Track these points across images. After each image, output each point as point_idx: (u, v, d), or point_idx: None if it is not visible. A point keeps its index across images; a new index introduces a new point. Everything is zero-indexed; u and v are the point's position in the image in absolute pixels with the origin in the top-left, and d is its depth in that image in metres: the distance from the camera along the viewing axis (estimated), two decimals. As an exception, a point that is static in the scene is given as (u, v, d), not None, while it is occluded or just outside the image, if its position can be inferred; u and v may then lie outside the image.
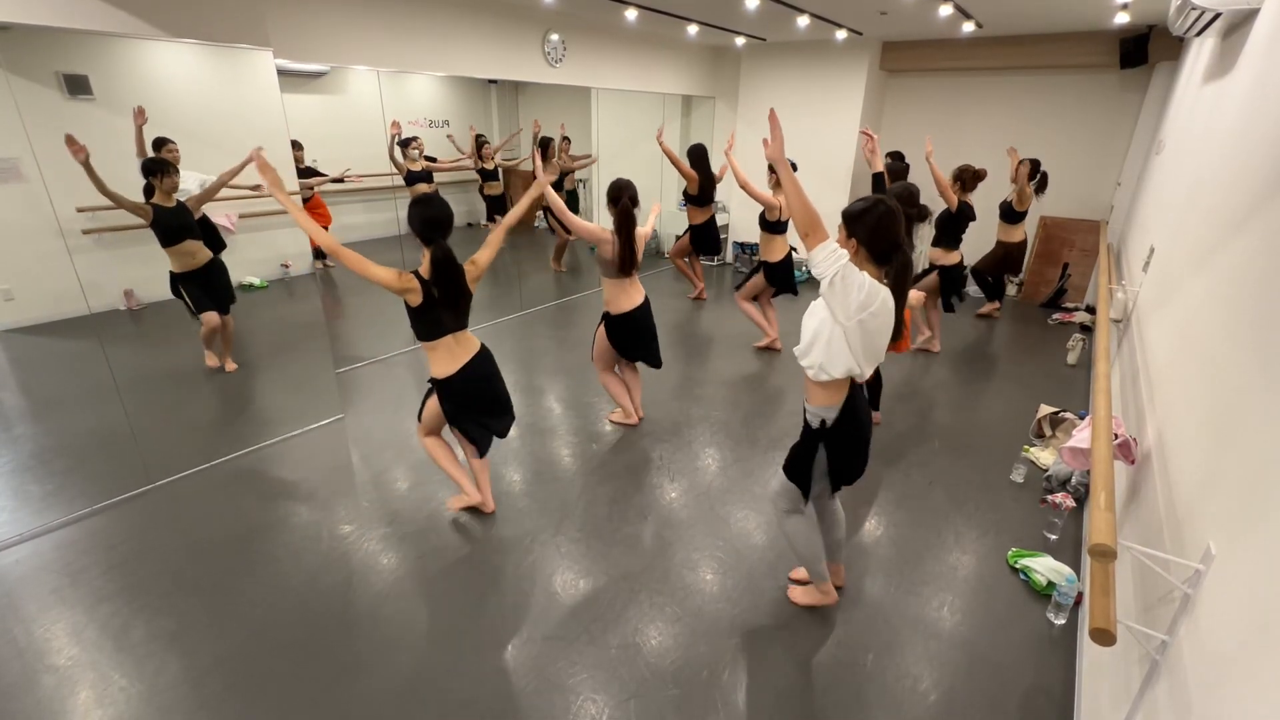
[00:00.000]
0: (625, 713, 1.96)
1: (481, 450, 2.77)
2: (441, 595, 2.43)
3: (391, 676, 2.08)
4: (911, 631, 2.30)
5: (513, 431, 3.65)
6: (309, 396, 3.99)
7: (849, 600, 2.45)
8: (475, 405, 2.62)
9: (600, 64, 5.67)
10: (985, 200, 5.14)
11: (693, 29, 5.51)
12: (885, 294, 1.79)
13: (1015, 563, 2.62)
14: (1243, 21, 2.46)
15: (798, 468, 2.08)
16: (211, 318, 3.95)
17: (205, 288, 3.90)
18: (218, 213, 4.65)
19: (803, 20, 4.91)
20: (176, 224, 3.68)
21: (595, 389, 4.17)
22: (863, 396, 2.00)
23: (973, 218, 4.50)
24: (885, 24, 5.29)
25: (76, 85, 3.89)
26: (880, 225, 1.80)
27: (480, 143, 6.57)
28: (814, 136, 6.65)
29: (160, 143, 3.90)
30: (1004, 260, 5.58)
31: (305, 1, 3.57)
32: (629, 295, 3.31)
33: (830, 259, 1.72)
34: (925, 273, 4.65)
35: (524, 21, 4.82)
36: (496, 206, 6.75)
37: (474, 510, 2.89)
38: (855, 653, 2.21)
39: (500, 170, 6.77)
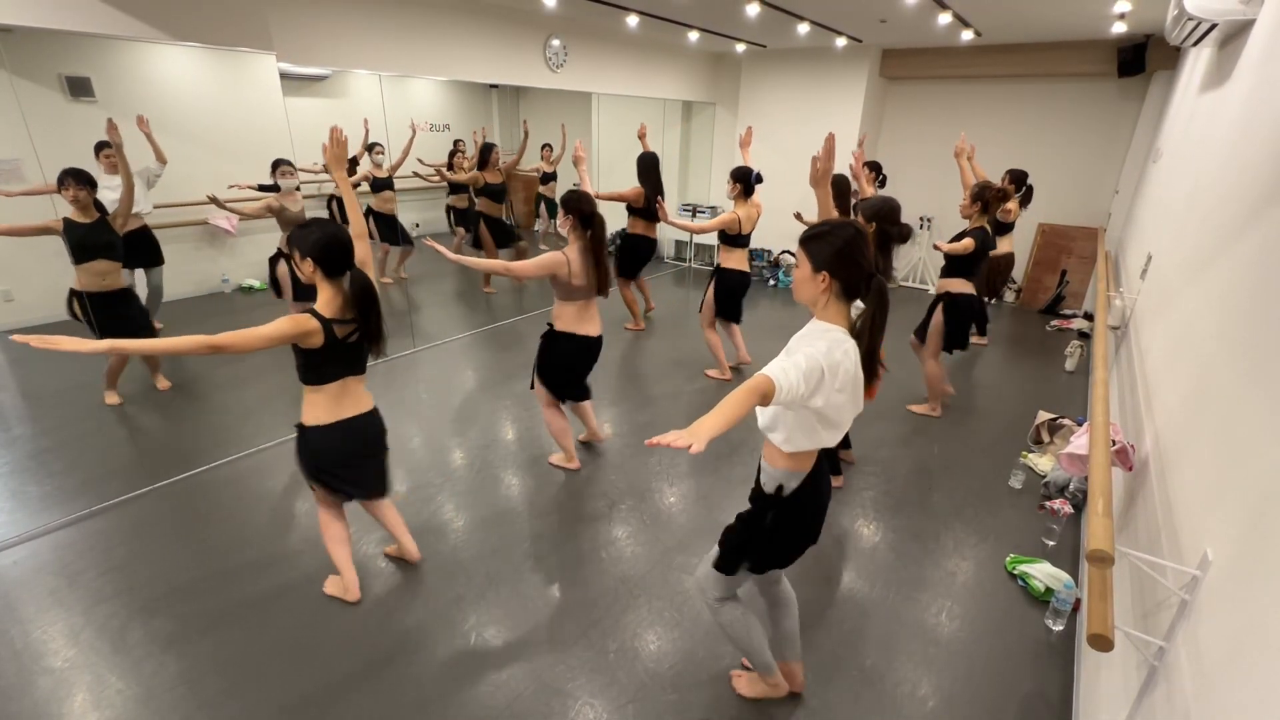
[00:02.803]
0: (624, 717, 1.96)
1: (365, 495, 2.36)
2: (438, 598, 2.42)
3: (388, 679, 2.07)
4: (910, 637, 2.30)
5: (509, 435, 3.66)
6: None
7: (847, 605, 2.45)
8: (344, 470, 2.22)
9: (601, 69, 5.70)
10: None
11: (694, 35, 5.54)
12: (848, 362, 1.48)
13: (1014, 569, 2.63)
14: (1239, 32, 2.48)
15: (744, 543, 1.72)
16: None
17: (109, 316, 3.44)
18: (218, 215, 4.66)
19: (803, 27, 4.94)
20: (90, 241, 3.30)
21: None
22: (825, 469, 1.71)
23: (992, 245, 3.79)
24: (885, 31, 5.32)
25: (79, 87, 3.90)
26: (849, 252, 1.48)
27: (453, 153, 6.30)
28: (814, 143, 6.67)
29: (99, 147, 3.66)
30: (989, 277, 5.11)
31: (308, 6, 3.59)
32: (592, 320, 2.99)
33: (797, 387, 1.37)
34: (930, 308, 3.92)
35: (526, 26, 4.84)
36: (461, 219, 6.50)
37: (480, 507, 2.82)
38: (854, 658, 2.21)
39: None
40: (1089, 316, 5.88)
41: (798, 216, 5.01)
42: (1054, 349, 5.29)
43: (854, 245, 1.48)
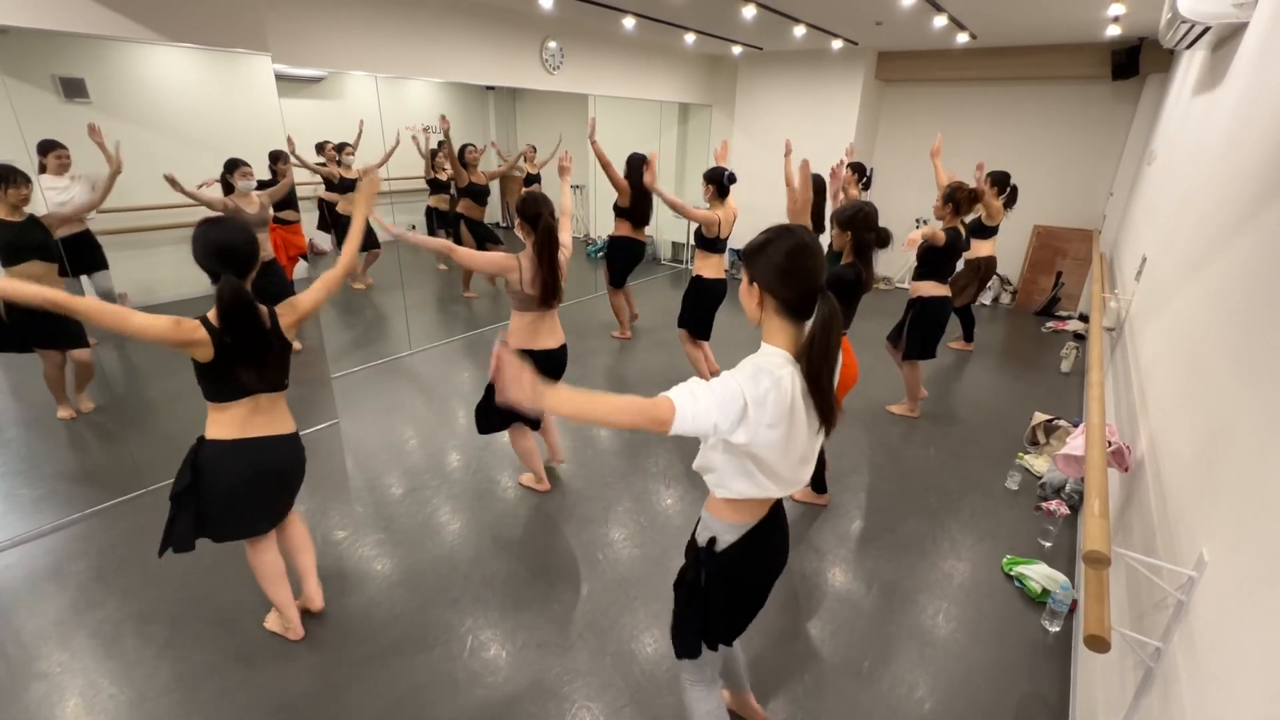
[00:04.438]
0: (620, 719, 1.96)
1: (251, 532, 2.08)
2: (435, 601, 2.41)
3: (385, 683, 2.06)
4: (907, 639, 2.30)
5: (505, 438, 3.62)
6: (304, 401, 3.97)
7: (844, 607, 2.45)
8: (249, 502, 2.00)
9: (598, 71, 5.70)
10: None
11: (690, 38, 5.55)
12: (792, 399, 1.26)
13: (1010, 570, 2.63)
14: (1232, 35, 2.50)
15: (685, 611, 1.51)
16: (53, 354, 3.36)
17: (43, 319, 3.24)
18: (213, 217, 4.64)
19: (799, 30, 4.95)
20: (21, 242, 3.09)
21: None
22: (781, 524, 1.50)
23: (965, 247, 3.76)
24: (881, 34, 5.34)
25: (73, 88, 3.88)
26: (789, 264, 1.25)
27: (434, 152, 6.16)
28: (810, 145, 6.69)
29: (48, 146, 3.44)
30: (971, 278, 4.99)
31: (304, 6, 3.58)
32: (549, 333, 2.78)
33: (707, 415, 1.17)
34: (905, 311, 3.86)
35: (522, 28, 4.84)
36: (442, 220, 6.45)
37: (466, 513, 2.79)
38: (851, 660, 2.21)
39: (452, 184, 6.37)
40: (1084, 318, 5.90)
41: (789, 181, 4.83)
42: (1049, 350, 5.31)
43: (793, 258, 1.25)
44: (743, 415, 1.20)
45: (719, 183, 3.91)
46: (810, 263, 1.26)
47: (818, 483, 3.06)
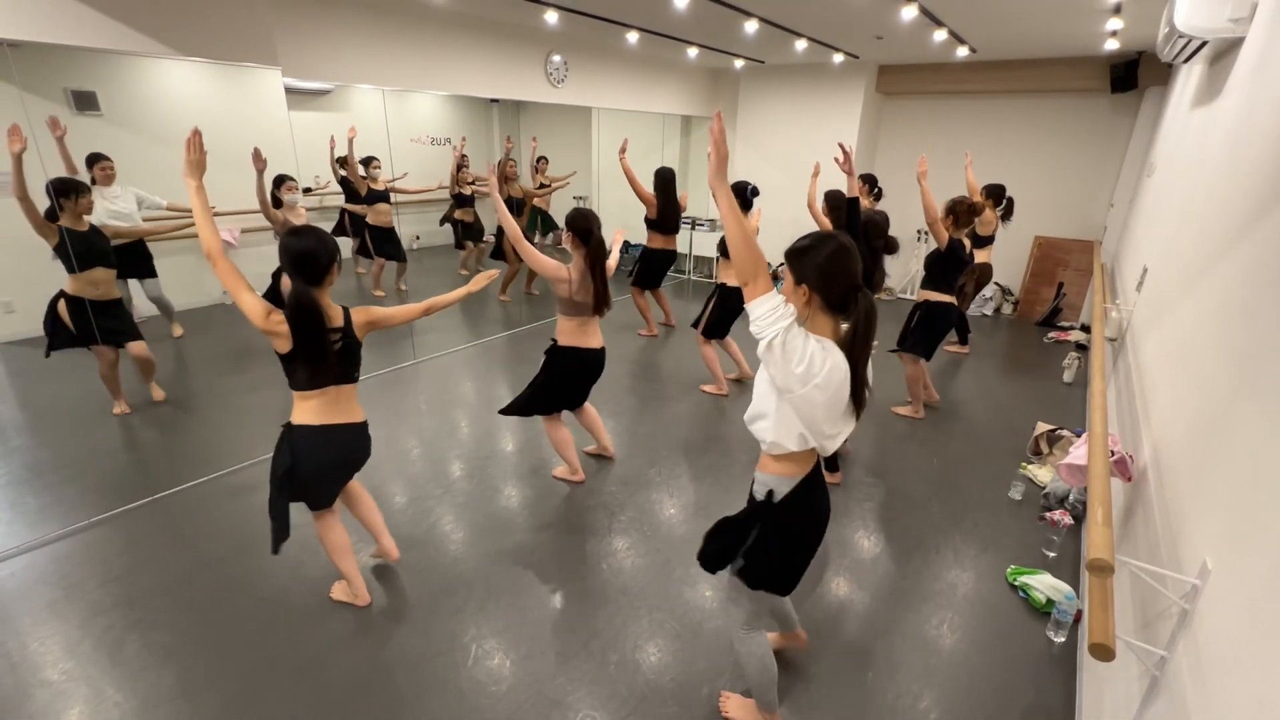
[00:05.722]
0: (624, 730, 1.95)
1: (321, 505, 2.31)
2: (437, 610, 2.41)
3: (387, 692, 2.06)
4: (911, 649, 2.30)
5: (509, 447, 3.65)
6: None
7: (848, 617, 2.44)
8: (317, 481, 2.22)
9: (601, 84, 5.77)
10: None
11: (693, 51, 5.61)
12: (835, 360, 1.45)
13: (1014, 580, 2.62)
14: (1229, 49, 2.53)
15: (730, 545, 1.71)
16: (106, 351, 3.55)
17: (100, 318, 3.47)
18: (221, 228, 4.68)
19: (800, 44, 5.01)
20: (86, 249, 3.32)
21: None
22: (823, 481, 1.70)
23: (967, 261, 3.84)
24: (881, 48, 5.40)
25: (85, 101, 3.94)
26: (832, 266, 1.45)
27: (459, 166, 6.39)
28: (811, 158, 6.73)
29: (94, 159, 3.73)
30: (966, 279, 4.94)
31: (313, 21, 3.64)
32: (593, 335, 3.03)
33: (770, 317, 1.39)
34: (909, 315, 3.98)
35: (527, 42, 4.91)
36: (470, 234, 6.64)
37: (462, 523, 2.81)
38: (855, 670, 2.20)
39: (475, 195, 6.62)
40: (1086, 328, 5.91)
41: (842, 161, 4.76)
42: (1052, 361, 5.31)
43: (836, 259, 1.45)
44: (799, 359, 1.40)
45: (741, 196, 4.04)
46: (851, 265, 1.47)
47: (830, 461, 3.17)
